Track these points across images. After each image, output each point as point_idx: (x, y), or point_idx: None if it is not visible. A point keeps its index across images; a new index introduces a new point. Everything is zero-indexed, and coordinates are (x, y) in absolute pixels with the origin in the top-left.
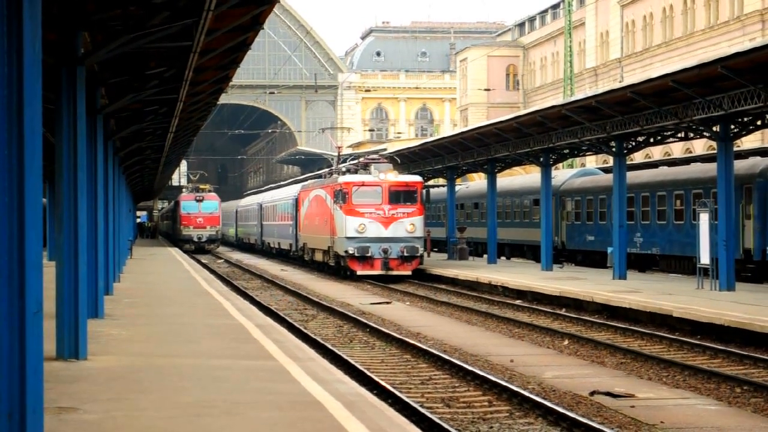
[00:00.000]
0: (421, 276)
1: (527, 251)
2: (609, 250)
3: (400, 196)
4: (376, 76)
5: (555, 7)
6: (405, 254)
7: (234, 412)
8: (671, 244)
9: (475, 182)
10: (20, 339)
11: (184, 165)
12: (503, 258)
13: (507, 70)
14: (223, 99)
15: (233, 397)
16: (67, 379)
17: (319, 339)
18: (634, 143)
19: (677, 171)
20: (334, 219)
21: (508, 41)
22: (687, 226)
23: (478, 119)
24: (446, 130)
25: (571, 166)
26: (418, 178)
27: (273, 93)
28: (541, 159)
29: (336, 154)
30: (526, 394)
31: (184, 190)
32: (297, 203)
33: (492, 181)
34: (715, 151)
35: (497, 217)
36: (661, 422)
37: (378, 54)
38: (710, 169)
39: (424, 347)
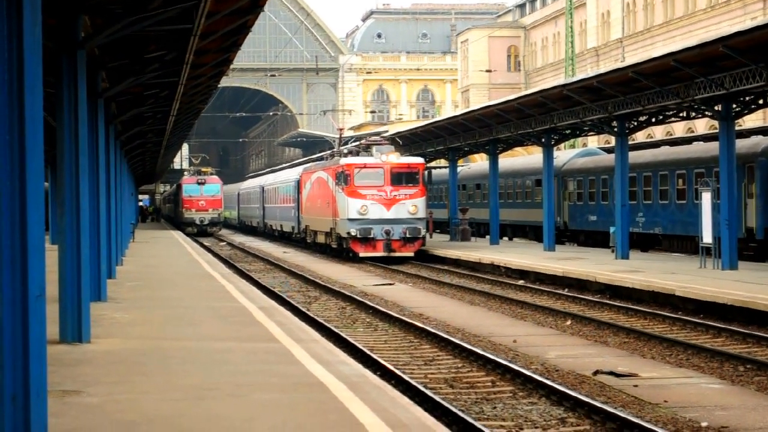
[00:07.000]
0: (424, 257)
1: (529, 232)
2: (611, 230)
3: (402, 177)
4: (377, 58)
5: None
6: (407, 236)
7: (237, 394)
8: (673, 224)
9: (477, 163)
10: (23, 323)
11: (185, 148)
12: (505, 239)
13: (508, 51)
14: (224, 82)
15: (237, 379)
16: (71, 363)
17: (321, 321)
18: (636, 123)
19: (679, 150)
20: (336, 201)
21: (509, 22)
22: (689, 205)
23: (479, 100)
24: (448, 112)
25: (573, 146)
26: (419, 160)
27: (274, 76)
28: (543, 139)
29: (337, 136)
30: (529, 374)
31: (185, 173)
32: (299, 185)
33: (494, 162)
34: (717, 131)
35: (499, 198)
36: (665, 401)
37: (379, 36)
38: (712, 148)
39: (426, 328)
